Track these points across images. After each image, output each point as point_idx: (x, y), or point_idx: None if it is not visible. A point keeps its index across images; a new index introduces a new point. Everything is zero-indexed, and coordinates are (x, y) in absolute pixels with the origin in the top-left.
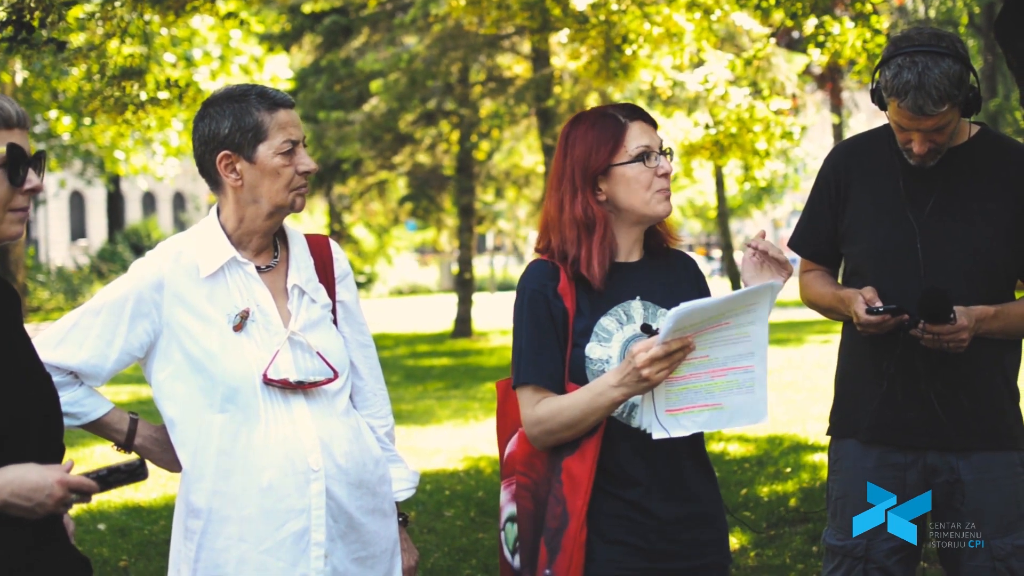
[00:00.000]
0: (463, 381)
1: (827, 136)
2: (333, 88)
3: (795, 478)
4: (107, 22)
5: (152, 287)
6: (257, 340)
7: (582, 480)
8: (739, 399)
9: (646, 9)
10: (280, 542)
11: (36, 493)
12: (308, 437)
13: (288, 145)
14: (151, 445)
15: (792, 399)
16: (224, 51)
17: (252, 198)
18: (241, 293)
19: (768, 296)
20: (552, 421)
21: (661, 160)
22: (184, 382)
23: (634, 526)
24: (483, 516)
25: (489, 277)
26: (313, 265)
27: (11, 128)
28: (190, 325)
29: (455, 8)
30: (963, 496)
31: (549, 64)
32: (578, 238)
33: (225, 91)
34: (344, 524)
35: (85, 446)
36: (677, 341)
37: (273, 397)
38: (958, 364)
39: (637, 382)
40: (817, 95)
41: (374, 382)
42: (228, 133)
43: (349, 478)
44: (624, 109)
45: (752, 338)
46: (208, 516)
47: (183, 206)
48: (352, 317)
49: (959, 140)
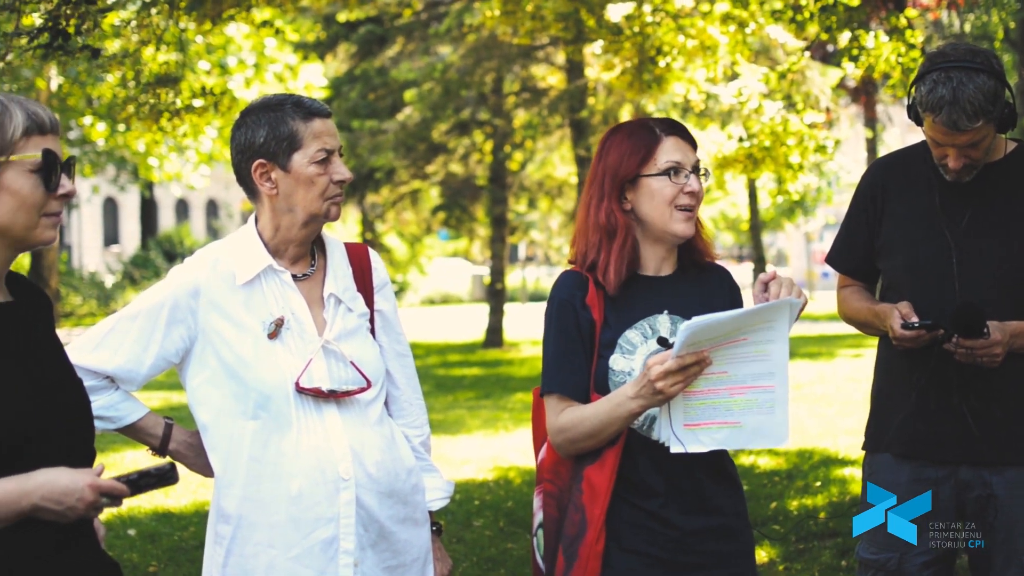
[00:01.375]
0: (494, 391)
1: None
2: (367, 97)
3: (825, 492)
4: (143, 29)
5: (189, 293)
6: (291, 348)
7: (601, 489)
8: (759, 419)
9: (680, 22)
10: (308, 549)
11: (67, 497)
12: (339, 446)
13: (323, 154)
14: (185, 450)
15: (823, 413)
16: (259, 59)
17: (287, 207)
18: (277, 301)
19: (786, 313)
20: (574, 430)
21: (690, 179)
22: (218, 388)
23: (653, 536)
24: (512, 526)
25: (521, 287)
26: (352, 274)
27: (45, 134)
28: (225, 332)
29: (490, 18)
30: (996, 511)
31: (583, 75)
32: (599, 243)
33: (262, 100)
34: (375, 533)
35: (116, 451)
36: (692, 356)
37: (305, 405)
38: (992, 379)
39: (652, 395)
40: (851, 109)
41: (411, 392)
42: (263, 142)
43: (380, 487)
44: (664, 123)
45: (772, 357)
46: (238, 522)
47: (216, 213)
48: (390, 326)
49: (995, 156)
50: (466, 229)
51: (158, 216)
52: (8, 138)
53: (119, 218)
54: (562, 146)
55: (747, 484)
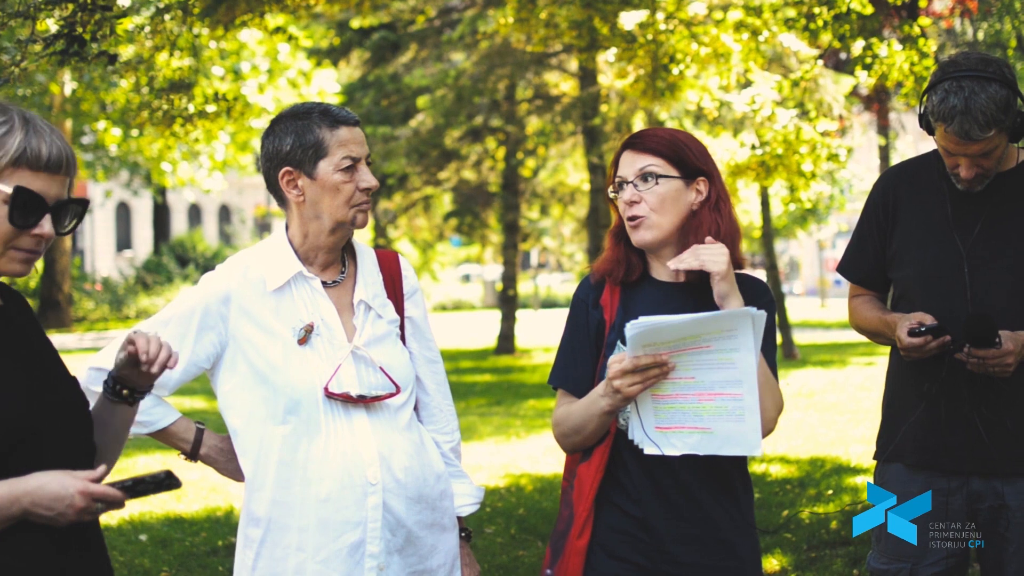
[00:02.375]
0: (505, 398)
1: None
2: (380, 103)
3: (837, 500)
4: (156, 35)
5: (220, 300)
6: (321, 354)
7: (587, 486)
8: (729, 426)
9: (694, 29)
10: (336, 553)
11: (57, 503)
12: (367, 451)
13: (348, 162)
14: (216, 455)
15: (835, 421)
16: (272, 65)
17: (314, 214)
18: (307, 307)
19: (748, 324)
20: (563, 424)
21: (624, 189)
22: (248, 393)
23: (637, 544)
24: (524, 533)
25: (533, 294)
26: (382, 281)
27: (38, 170)
28: (255, 338)
29: (503, 25)
30: (1008, 522)
31: (596, 82)
32: (611, 246)
33: (291, 109)
34: (402, 538)
35: (128, 456)
36: (648, 358)
37: (335, 410)
38: (1004, 389)
39: (613, 393)
40: (864, 117)
41: (440, 398)
42: (290, 150)
43: (408, 492)
44: (629, 137)
45: (738, 366)
46: (267, 525)
47: (228, 218)
48: (420, 333)
49: (1008, 165)
50: (478, 236)
51: (171, 221)
52: None
53: (132, 223)
54: (575, 153)
55: (759, 492)
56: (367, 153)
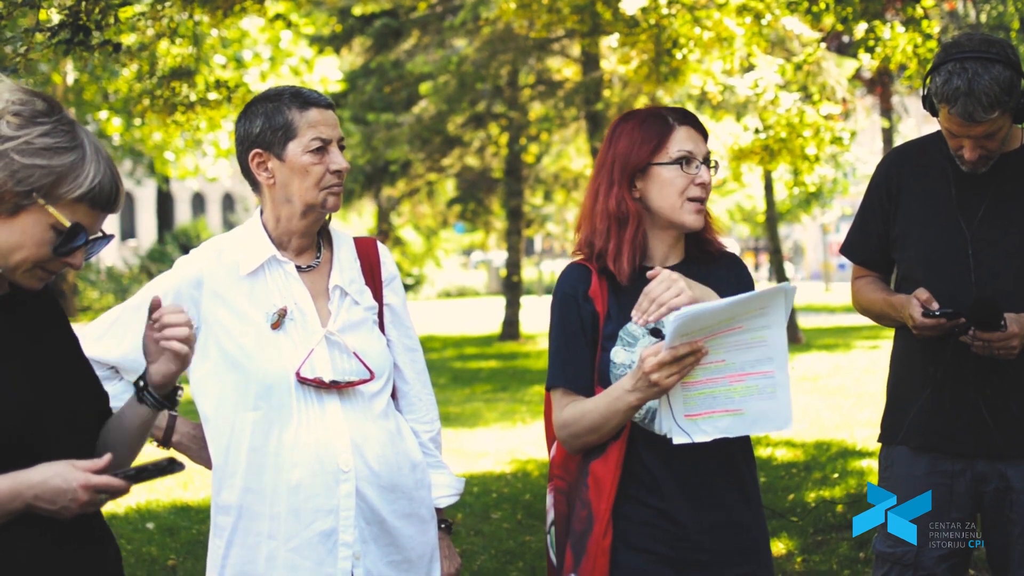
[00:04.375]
0: (510, 384)
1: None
2: (383, 90)
3: (843, 484)
4: (157, 22)
5: (191, 284)
6: (294, 339)
7: (606, 484)
8: (761, 404)
9: (696, 14)
10: (307, 541)
11: (60, 496)
12: (339, 438)
13: (318, 143)
14: (189, 442)
15: (840, 405)
16: (274, 52)
17: (285, 197)
18: (280, 292)
19: (781, 299)
20: (576, 425)
21: (701, 169)
22: (219, 379)
23: (660, 534)
24: (530, 519)
25: (537, 280)
26: (359, 267)
27: (96, 208)
28: (228, 322)
29: (505, 11)
30: (1012, 504)
31: (599, 67)
32: (607, 230)
33: (263, 93)
34: (377, 527)
35: None
36: (685, 346)
37: (307, 396)
38: (1008, 371)
39: (648, 387)
40: (867, 100)
41: (420, 387)
42: (259, 132)
43: (381, 481)
44: (676, 112)
45: (769, 343)
46: (239, 512)
47: (232, 207)
48: (399, 321)
49: (1011, 146)
50: (482, 222)
51: (174, 210)
52: (61, 191)
53: (135, 212)
54: (578, 138)
55: (765, 476)
56: (339, 136)
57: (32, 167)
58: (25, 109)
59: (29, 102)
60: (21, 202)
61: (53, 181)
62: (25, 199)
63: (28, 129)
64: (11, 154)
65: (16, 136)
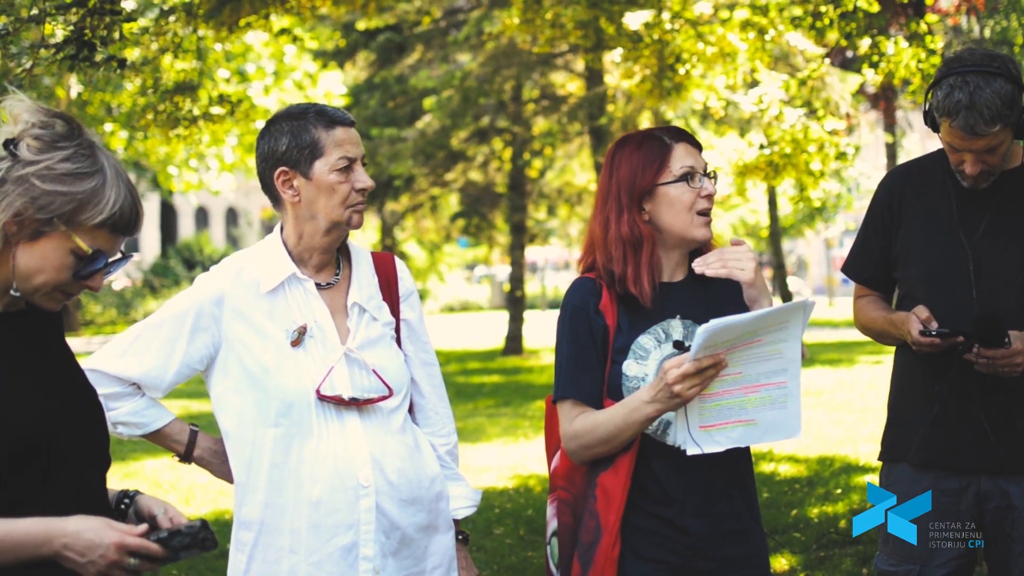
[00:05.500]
0: (513, 399)
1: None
2: (386, 105)
3: (846, 499)
4: (161, 37)
5: (213, 302)
6: (314, 356)
7: (615, 495)
8: (772, 414)
9: (700, 29)
10: (328, 556)
11: (90, 551)
12: (359, 453)
13: (344, 162)
14: (210, 457)
15: (843, 420)
16: (278, 67)
17: (310, 214)
18: (300, 309)
19: (800, 314)
20: (588, 436)
21: (705, 181)
22: (240, 395)
23: (667, 543)
24: (532, 534)
25: (540, 295)
26: (377, 283)
27: (117, 233)
28: (248, 339)
29: (509, 26)
30: (1013, 520)
31: (602, 82)
32: (624, 256)
33: (286, 110)
34: (396, 540)
35: (136, 460)
36: (709, 358)
37: (327, 413)
38: (1013, 388)
39: (669, 398)
40: (871, 115)
41: (437, 400)
42: (286, 150)
43: (401, 495)
44: (669, 131)
45: (784, 355)
46: (260, 528)
47: (235, 221)
48: (416, 335)
49: (1013, 163)
50: (485, 237)
51: (178, 224)
52: (83, 217)
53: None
54: (581, 153)
55: (768, 492)
56: (362, 154)
57: (53, 193)
58: (46, 133)
59: (49, 124)
60: (42, 228)
61: (75, 208)
62: (46, 225)
63: (49, 154)
64: (32, 179)
65: (37, 161)
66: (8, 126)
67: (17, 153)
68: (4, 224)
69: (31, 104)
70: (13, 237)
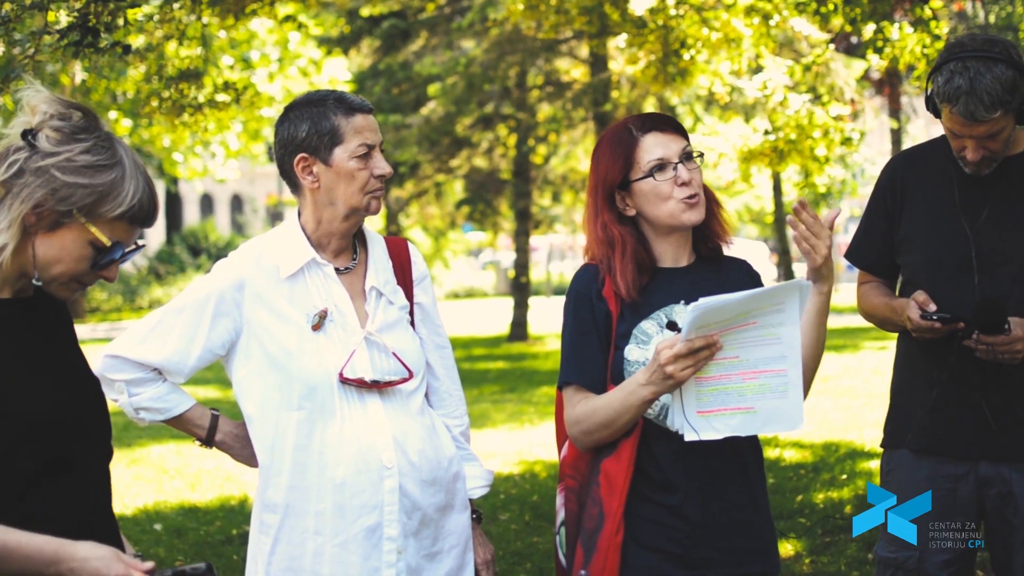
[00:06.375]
0: (518, 385)
1: (885, 141)
2: (391, 91)
3: (851, 485)
4: (165, 24)
5: (234, 287)
6: (335, 340)
7: (618, 481)
8: (772, 403)
9: (704, 14)
10: (353, 536)
11: None
12: (382, 435)
13: (364, 149)
14: (232, 441)
15: (848, 405)
16: (283, 54)
17: (329, 200)
18: (320, 294)
19: (795, 295)
20: (589, 421)
21: (679, 170)
22: (262, 379)
23: (670, 532)
24: (538, 520)
25: (545, 281)
26: (392, 267)
27: (134, 224)
28: (270, 324)
29: (513, 12)
30: (1015, 508)
31: (607, 68)
32: (606, 255)
33: (305, 96)
34: (417, 521)
35: (142, 446)
36: (701, 339)
37: (349, 395)
38: (1013, 375)
39: (663, 380)
40: (876, 100)
41: (450, 383)
42: (306, 136)
43: (422, 475)
44: (640, 120)
45: (783, 340)
46: (285, 511)
47: (240, 208)
48: (429, 319)
49: (1016, 149)
50: (490, 223)
51: (183, 211)
52: (102, 209)
53: None
54: (586, 140)
55: (773, 477)
56: (380, 140)
57: (74, 185)
58: (65, 125)
59: (67, 115)
60: (61, 219)
61: (95, 200)
62: (65, 217)
63: (69, 146)
64: (52, 171)
65: (57, 152)
66: (24, 116)
67: (36, 144)
68: (24, 215)
69: (49, 95)
70: (32, 228)
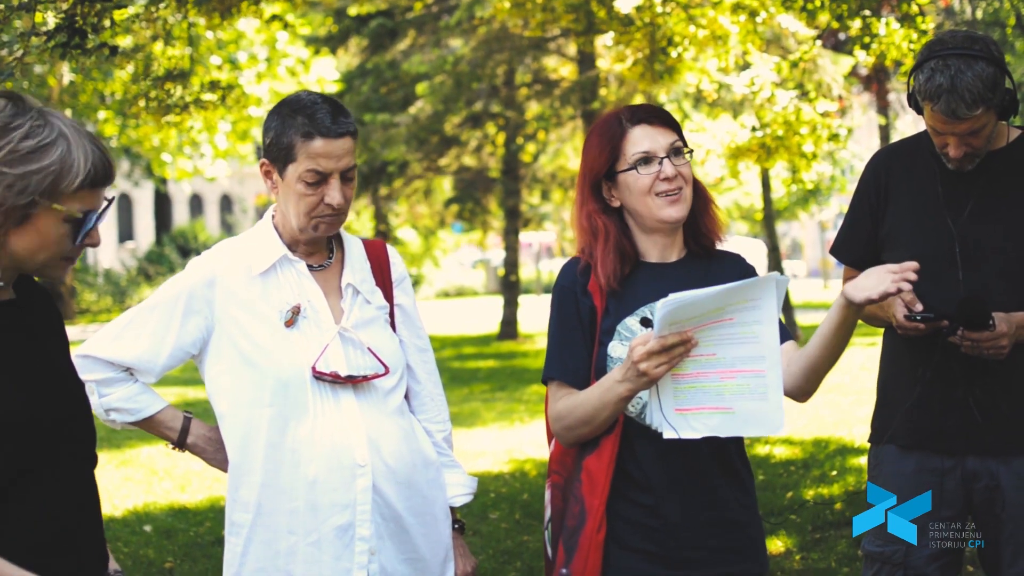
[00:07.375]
0: (509, 383)
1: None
2: (379, 90)
3: (841, 481)
4: (152, 24)
5: (205, 284)
6: (308, 335)
7: (599, 479)
8: (752, 405)
9: (691, 12)
10: (325, 535)
11: None
12: (356, 433)
13: (313, 176)
14: (204, 444)
15: (838, 402)
16: (270, 53)
17: (283, 210)
18: (293, 290)
19: (772, 291)
20: (570, 417)
21: (664, 164)
22: (235, 376)
23: (651, 532)
24: (528, 519)
25: (535, 279)
26: (370, 268)
27: (97, 186)
28: (242, 321)
29: (500, 10)
30: (1003, 502)
31: (595, 66)
32: (589, 245)
33: (294, 98)
34: (393, 523)
35: (132, 447)
36: (674, 336)
37: (322, 391)
38: (998, 371)
39: (637, 377)
40: (863, 96)
41: (432, 386)
42: (269, 144)
43: (397, 477)
44: (631, 111)
45: (761, 339)
46: (257, 509)
47: (230, 208)
48: (410, 321)
49: (998, 144)
50: (479, 221)
51: (172, 212)
52: (61, 187)
53: (133, 214)
54: (575, 137)
55: (763, 474)
56: (345, 167)
57: (26, 175)
58: None
59: None
60: (27, 210)
61: (52, 181)
62: (30, 207)
63: (8, 137)
64: (0, 168)
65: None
66: None
67: None
68: None
69: None
70: (1, 227)
